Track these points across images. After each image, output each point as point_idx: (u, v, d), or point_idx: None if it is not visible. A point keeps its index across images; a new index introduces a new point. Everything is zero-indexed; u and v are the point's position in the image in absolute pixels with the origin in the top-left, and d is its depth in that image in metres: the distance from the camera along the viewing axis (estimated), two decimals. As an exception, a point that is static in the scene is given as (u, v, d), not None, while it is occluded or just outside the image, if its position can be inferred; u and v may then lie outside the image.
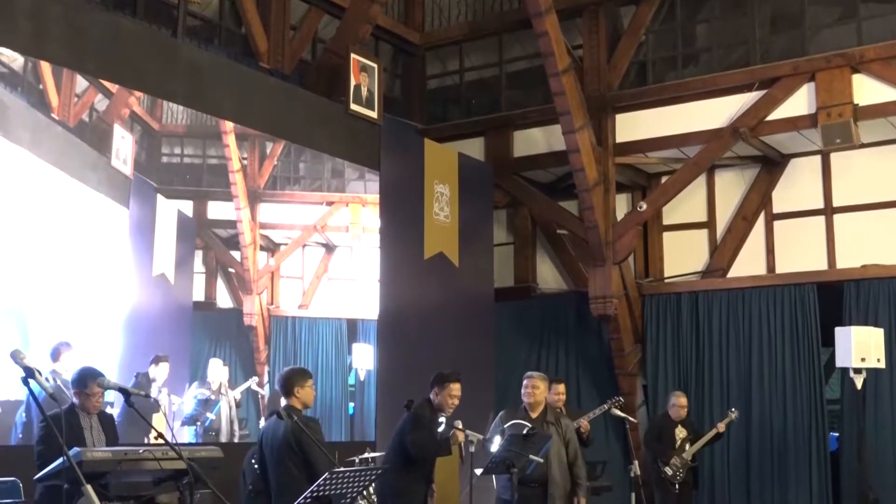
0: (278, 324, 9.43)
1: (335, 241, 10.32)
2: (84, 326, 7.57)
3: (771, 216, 11.36)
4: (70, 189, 7.54)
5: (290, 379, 5.84)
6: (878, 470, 10.08)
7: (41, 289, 7.30)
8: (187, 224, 8.61)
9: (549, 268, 12.82)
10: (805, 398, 10.69)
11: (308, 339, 9.73)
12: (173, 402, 8.16)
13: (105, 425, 6.07)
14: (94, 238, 7.73)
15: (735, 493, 10.86)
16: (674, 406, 9.69)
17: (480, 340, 11.45)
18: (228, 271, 9.03)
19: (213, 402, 8.54)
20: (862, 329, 9.19)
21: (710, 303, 11.36)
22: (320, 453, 5.51)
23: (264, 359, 9.19)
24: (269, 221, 9.54)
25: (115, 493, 5.62)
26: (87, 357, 7.41)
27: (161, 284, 8.28)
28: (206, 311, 8.76)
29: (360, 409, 10.20)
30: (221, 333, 8.87)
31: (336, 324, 10.07)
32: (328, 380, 9.88)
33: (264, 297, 9.30)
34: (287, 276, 9.72)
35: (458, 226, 11.37)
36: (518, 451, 6.54)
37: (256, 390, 9.00)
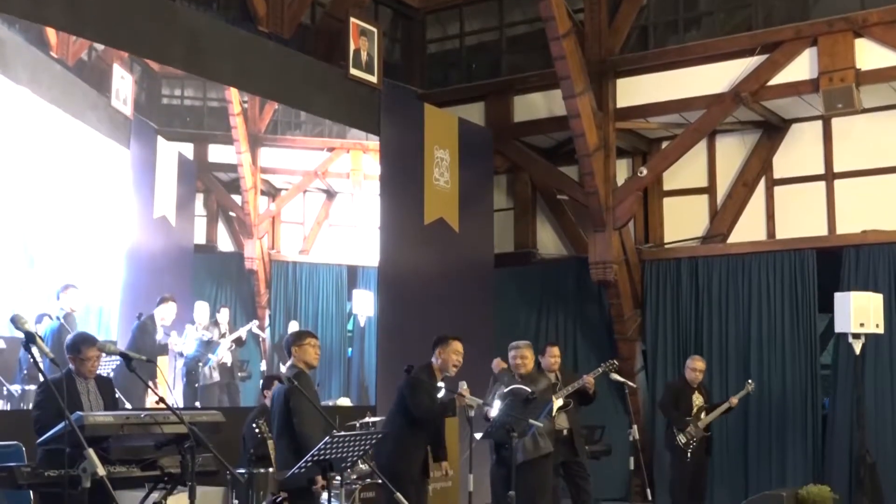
0: (279, 268, 9.47)
1: (336, 187, 10.32)
2: (86, 265, 7.63)
3: (771, 182, 11.35)
4: (70, 128, 7.54)
5: (287, 342, 5.92)
6: (876, 435, 10.14)
7: (44, 227, 7.34)
8: (188, 166, 8.62)
9: (549, 233, 12.82)
10: (802, 364, 10.73)
11: (308, 284, 9.77)
12: (176, 343, 8.24)
13: (103, 390, 6.09)
14: (95, 177, 7.74)
15: (732, 457, 10.93)
16: (689, 370, 9.66)
17: (480, 306, 11.48)
18: (229, 215, 9.04)
19: (215, 344, 8.61)
20: (861, 294, 9.20)
21: (709, 268, 11.37)
22: (308, 419, 5.56)
23: (265, 302, 9.24)
24: (270, 166, 9.53)
25: (116, 456, 5.67)
26: (90, 297, 7.56)
27: (162, 226, 8.31)
28: (208, 254, 8.80)
29: (359, 355, 10.26)
30: (222, 276, 8.91)
31: (336, 270, 10.11)
32: (328, 325, 9.94)
33: (265, 242, 9.33)
34: (288, 222, 9.75)
35: (458, 191, 11.35)
36: (518, 415, 6.58)
37: (257, 333, 9.05)
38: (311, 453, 4.89)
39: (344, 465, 5.11)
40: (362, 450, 5.15)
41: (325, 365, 9.64)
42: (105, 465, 4.01)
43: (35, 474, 5.45)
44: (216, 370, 8.60)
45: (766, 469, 10.76)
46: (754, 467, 10.83)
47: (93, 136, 7.71)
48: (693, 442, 9.36)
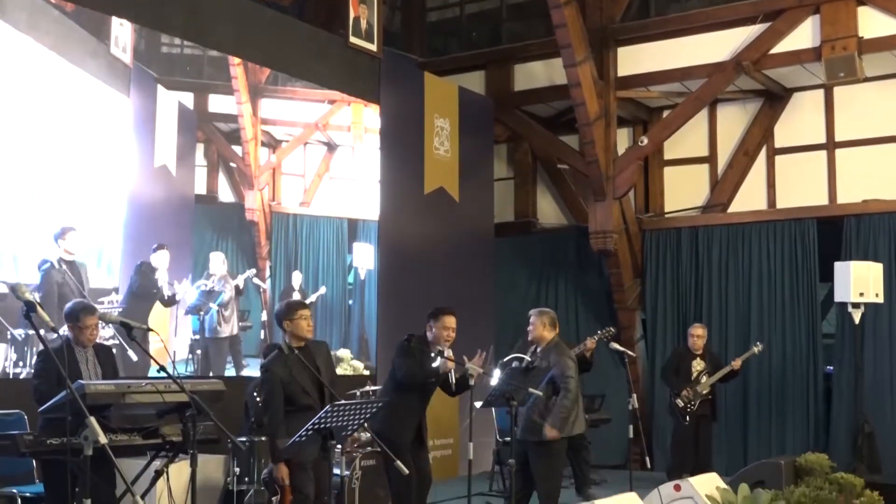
0: (279, 220, 9.49)
1: (337, 140, 10.30)
2: (87, 213, 7.65)
3: (772, 151, 11.32)
4: (70, 75, 7.52)
5: (278, 315, 5.92)
6: (875, 403, 10.19)
7: (44, 171, 7.35)
8: (188, 116, 8.60)
9: (550, 202, 12.81)
10: (802, 333, 10.76)
11: (309, 236, 9.79)
12: (177, 291, 8.29)
13: (102, 358, 6.10)
14: (95, 124, 7.74)
15: (732, 426, 10.98)
16: (690, 336, 9.71)
17: (480, 275, 11.50)
18: (230, 166, 9.04)
19: (217, 294, 8.65)
20: (861, 264, 9.21)
21: (709, 238, 11.37)
22: (274, 415, 5.64)
23: (265, 254, 9.27)
24: (271, 117, 9.51)
25: (118, 425, 5.69)
26: (90, 240, 7.59)
27: (163, 175, 8.32)
28: (208, 205, 8.81)
29: (359, 308, 10.30)
30: (223, 227, 8.92)
31: (337, 223, 10.12)
32: (328, 278, 9.98)
33: (266, 193, 9.35)
34: (288, 174, 9.75)
35: (458, 160, 11.34)
36: (517, 384, 6.60)
37: (258, 283, 9.09)
38: (312, 421, 4.90)
39: (344, 434, 5.12)
40: (362, 418, 5.17)
41: (326, 317, 9.77)
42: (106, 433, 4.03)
43: (37, 442, 5.49)
44: (231, 321, 8.68)
45: (766, 437, 10.81)
46: (754, 436, 10.89)
47: (92, 83, 7.69)
48: (690, 405, 9.40)
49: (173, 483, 6.04)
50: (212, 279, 8.61)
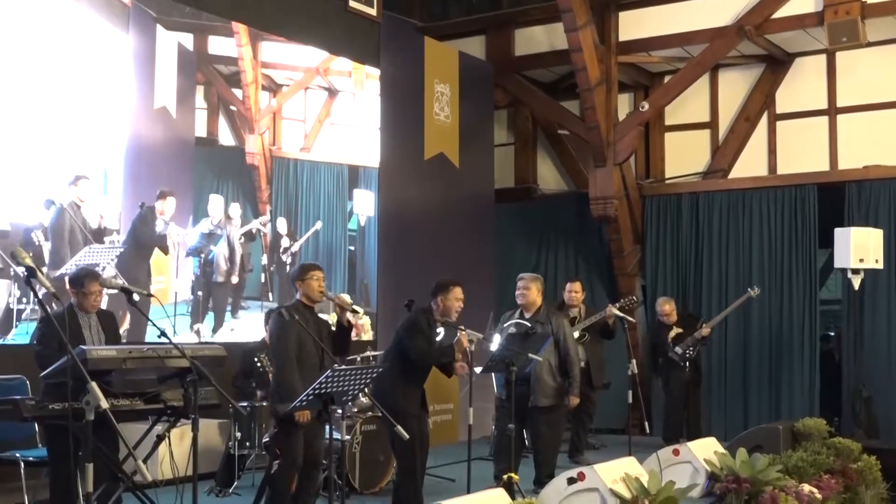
0: (280, 165, 9.49)
1: (338, 85, 10.26)
2: (86, 152, 7.67)
3: (774, 116, 11.28)
4: (68, 8, 7.51)
5: (292, 277, 5.96)
6: (875, 368, 10.23)
7: (43, 109, 7.35)
8: (188, 57, 8.56)
9: (550, 168, 12.78)
10: (801, 299, 10.78)
11: (309, 182, 9.80)
12: (178, 234, 8.31)
13: (105, 323, 6.13)
14: (94, 61, 7.73)
15: (731, 392, 11.03)
16: (660, 315, 9.95)
17: (481, 241, 11.51)
18: (230, 109, 9.02)
19: (217, 237, 8.69)
20: (861, 230, 9.21)
21: (710, 204, 11.36)
22: (288, 365, 5.64)
23: (266, 198, 9.29)
24: (271, 61, 9.47)
25: (119, 390, 5.73)
26: (92, 184, 7.65)
27: (163, 117, 8.31)
28: (208, 148, 8.80)
29: (360, 254, 10.33)
30: (224, 170, 8.92)
31: (337, 169, 10.13)
32: (329, 224, 10.01)
33: (266, 138, 9.34)
34: (289, 118, 9.73)
35: (458, 126, 11.30)
36: (517, 349, 6.63)
37: (260, 229, 9.13)
38: (313, 386, 4.93)
39: (345, 399, 5.15)
40: (363, 383, 5.20)
41: (327, 263, 9.81)
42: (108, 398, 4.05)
43: (39, 407, 5.52)
44: (236, 268, 8.73)
45: (766, 402, 10.86)
46: (754, 401, 10.93)
47: (92, 18, 7.66)
48: (689, 352, 9.52)
49: (175, 448, 6.10)
50: (208, 220, 8.62)
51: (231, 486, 7.18)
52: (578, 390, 7.44)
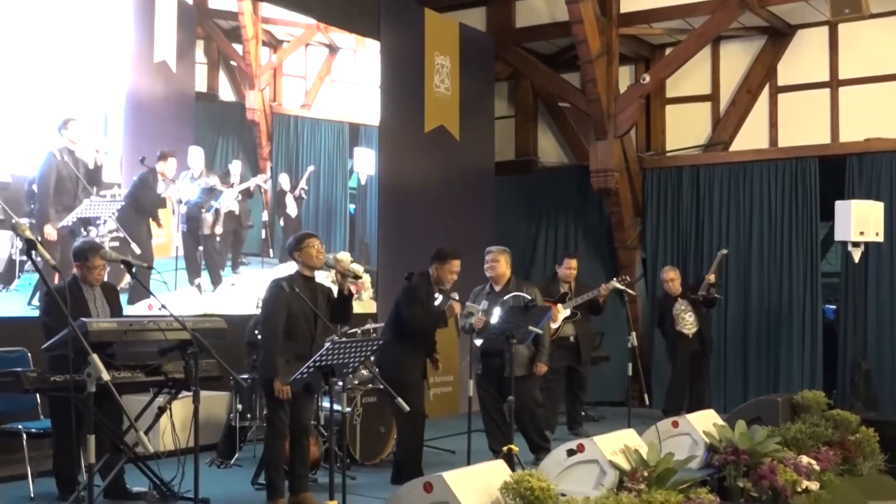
0: (280, 122, 9.46)
1: (338, 42, 10.20)
2: (86, 101, 7.63)
3: (775, 89, 11.24)
4: None
5: (289, 248, 5.99)
6: (876, 341, 10.26)
7: (42, 61, 7.31)
8: (188, 11, 8.50)
9: (551, 141, 12.76)
10: (802, 272, 10.79)
11: (310, 139, 9.78)
12: (178, 189, 8.32)
13: (108, 296, 6.15)
14: (94, 14, 7.67)
15: (731, 364, 11.06)
16: (665, 282, 9.93)
17: (481, 214, 11.50)
18: (230, 64, 8.97)
19: (218, 192, 8.70)
20: (862, 203, 9.19)
21: (711, 177, 11.35)
22: (269, 324, 5.69)
23: (266, 154, 9.27)
24: (272, 16, 9.40)
25: (121, 362, 5.76)
26: (89, 133, 7.62)
27: (162, 71, 8.27)
28: (209, 103, 8.76)
29: (361, 212, 10.34)
30: (224, 126, 8.89)
31: (338, 126, 10.10)
32: (330, 182, 9.99)
33: (266, 94, 9.30)
34: (289, 75, 9.67)
35: (458, 98, 11.26)
36: (517, 322, 6.64)
37: (260, 185, 9.14)
38: (314, 359, 4.95)
39: (345, 371, 5.17)
40: (363, 355, 5.21)
41: (327, 221, 9.84)
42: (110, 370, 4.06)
43: (41, 379, 5.55)
44: (220, 220, 8.71)
45: (765, 375, 10.90)
46: (753, 373, 10.97)
47: None
48: (712, 292, 9.68)
49: (176, 419, 6.14)
50: (208, 175, 8.61)
51: (232, 457, 7.22)
52: (546, 358, 7.44)
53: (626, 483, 5.38)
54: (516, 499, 4.43)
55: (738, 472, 6.10)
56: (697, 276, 10.98)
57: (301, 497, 5.81)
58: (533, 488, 4.37)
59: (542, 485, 4.40)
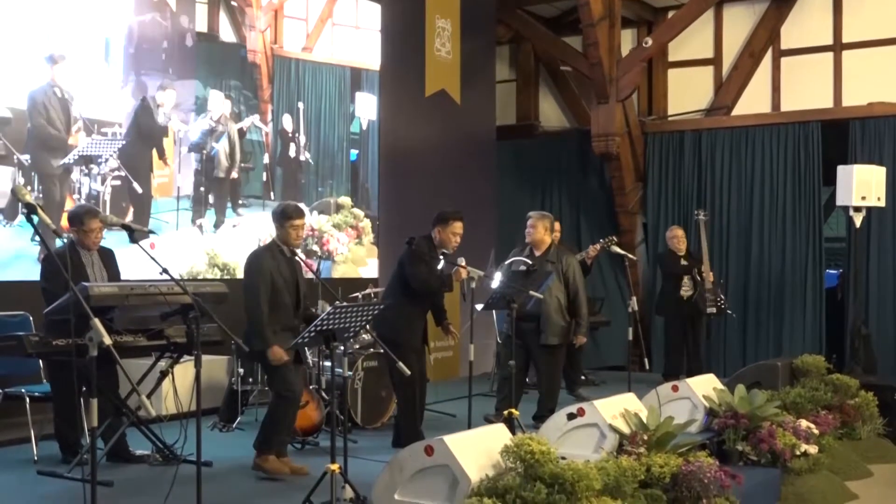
0: (281, 64, 9.40)
1: None
2: (85, 42, 7.60)
3: (778, 52, 11.17)
4: None
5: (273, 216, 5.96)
6: (879, 306, 10.28)
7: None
8: None
9: (552, 105, 12.70)
10: (804, 236, 10.78)
11: (311, 83, 9.72)
12: (179, 130, 8.33)
13: (106, 260, 6.14)
14: None
15: (732, 328, 11.08)
16: (671, 240, 9.92)
17: (482, 179, 11.47)
18: (231, 4, 8.90)
19: (219, 133, 8.70)
20: (864, 167, 9.16)
21: (713, 141, 11.30)
22: (253, 294, 5.68)
23: (267, 97, 9.22)
24: None
25: (123, 326, 5.77)
26: (87, 72, 7.57)
27: (162, 8, 8.21)
28: (209, 43, 8.71)
29: (363, 157, 10.31)
30: (225, 67, 8.84)
31: (339, 71, 10.04)
32: (331, 126, 9.94)
33: (267, 36, 9.24)
34: (291, 17, 9.58)
35: (459, 62, 11.19)
36: (518, 286, 6.64)
37: (259, 126, 9.13)
38: (315, 323, 4.95)
39: (346, 335, 5.18)
40: (364, 320, 5.21)
41: (328, 165, 9.83)
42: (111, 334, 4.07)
43: (43, 343, 5.56)
44: (237, 163, 8.77)
45: (766, 339, 10.93)
46: (754, 338, 10.99)
47: None
48: (719, 301, 9.73)
49: (178, 383, 6.15)
50: (209, 116, 8.59)
51: (234, 421, 7.26)
52: (586, 329, 7.52)
53: (625, 446, 5.41)
54: (517, 462, 4.46)
55: (737, 436, 6.14)
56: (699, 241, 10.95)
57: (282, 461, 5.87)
58: (533, 452, 4.39)
59: (542, 448, 4.42)
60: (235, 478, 5.77)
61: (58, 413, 6.04)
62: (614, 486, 4.58)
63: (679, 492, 4.97)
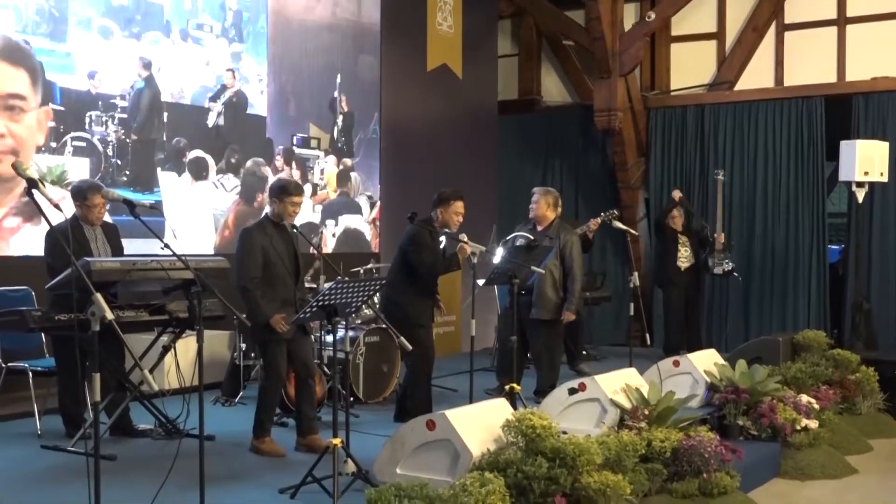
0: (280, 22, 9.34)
1: None
2: None
3: (782, 27, 11.10)
4: None
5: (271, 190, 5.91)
6: (880, 282, 10.27)
7: None
8: None
9: (554, 80, 12.65)
10: (807, 212, 10.76)
11: (314, 42, 9.66)
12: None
13: (109, 236, 6.15)
14: None
15: (734, 303, 11.08)
16: (668, 217, 9.92)
17: (484, 153, 11.45)
18: None
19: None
20: (867, 143, 9.13)
21: (716, 116, 11.26)
22: (252, 258, 5.65)
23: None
24: None
25: (125, 302, 5.78)
26: None
27: None
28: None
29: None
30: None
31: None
32: (329, 80, 9.86)
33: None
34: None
35: (461, 36, 11.14)
36: (520, 261, 6.64)
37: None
38: (317, 298, 4.95)
39: (348, 311, 5.18)
40: (366, 295, 5.22)
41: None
42: (113, 309, 4.07)
43: (45, 318, 5.58)
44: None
45: (769, 315, 10.93)
46: (756, 313, 11.00)
47: None
48: (726, 266, 9.76)
49: (181, 358, 6.18)
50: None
51: (237, 395, 7.29)
52: (575, 307, 7.50)
53: (626, 421, 5.43)
54: (518, 437, 4.48)
55: (737, 411, 6.16)
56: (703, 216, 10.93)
57: (310, 439, 5.84)
58: (535, 426, 4.41)
59: (543, 423, 4.44)
60: (238, 452, 5.80)
61: (61, 387, 6.06)
62: (615, 460, 4.60)
63: (680, 466, 5.00)
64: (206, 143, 8.56)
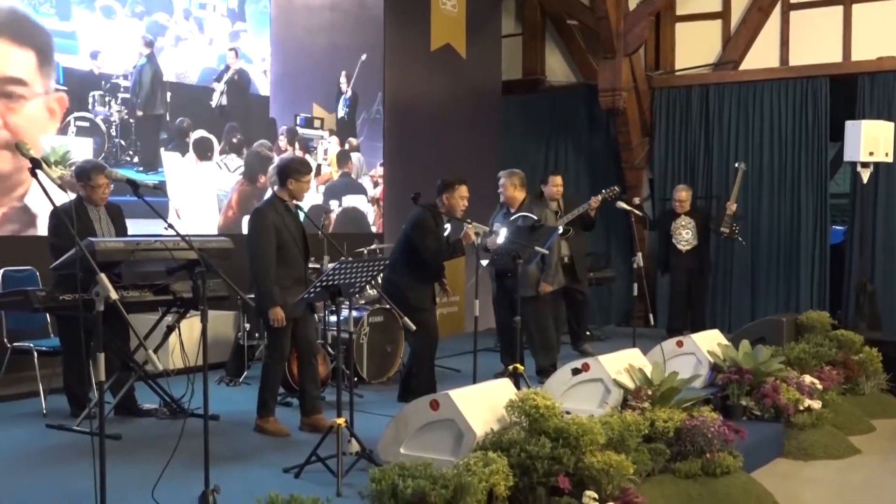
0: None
1: None
2: None
3: (787, 6, 11.03)
4: None
5: (285, 169, 5.82)
6: (884, 262, 10.26)
7: None
8: None
9: (558, 60, 12.59)
10: (811, 192, 10.73)
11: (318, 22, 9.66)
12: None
13: (113, 216, 6.15)
14: None
15: (738, 284, 11.08)
16: (674, 201, 9.91)
17: (487, 133, 11.43)
18: None
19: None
20: (872, 123, 9.10)
21: (720, 96, 11.22)
22: (259, 251, 5.62)
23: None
24: None
25: (129, 282, 5.79)
26: None
27: None
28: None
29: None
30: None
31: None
32: (333, 61, 9.87)
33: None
34: None
35: (465, 16, 11.10)
36: (524, 242, 6.64)
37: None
38: (320, 279, 4.96)
39: (352, 291, 5.18)
40: (370, 276, 5.22)
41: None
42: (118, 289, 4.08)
43: (50, 298, 5.59)
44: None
45: (773, 295, 10.92)
46: (760, 294, 10.99)
47: None
48: (733, 228, 9.74)
49: (185, 338, 6.20)
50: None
51: (241, 375, 7.31)
52: (552, 279, 7.47)
53: (630, 401, 5.44)
54: (521, 417, 4.49)
55: (741, 391, 6.17)
56: (708, 197, 10.93)
57: (314, 419, 5.86)
58: (538, 406, 4.42)
59: (546, 403, 4.45)
60: (242, 431, 5.82)
61: (66, 367, 6.08)
62: (618, 440, 4.61)
63: (683, 446, 5.02)
64: (209, 123, 8.55)
